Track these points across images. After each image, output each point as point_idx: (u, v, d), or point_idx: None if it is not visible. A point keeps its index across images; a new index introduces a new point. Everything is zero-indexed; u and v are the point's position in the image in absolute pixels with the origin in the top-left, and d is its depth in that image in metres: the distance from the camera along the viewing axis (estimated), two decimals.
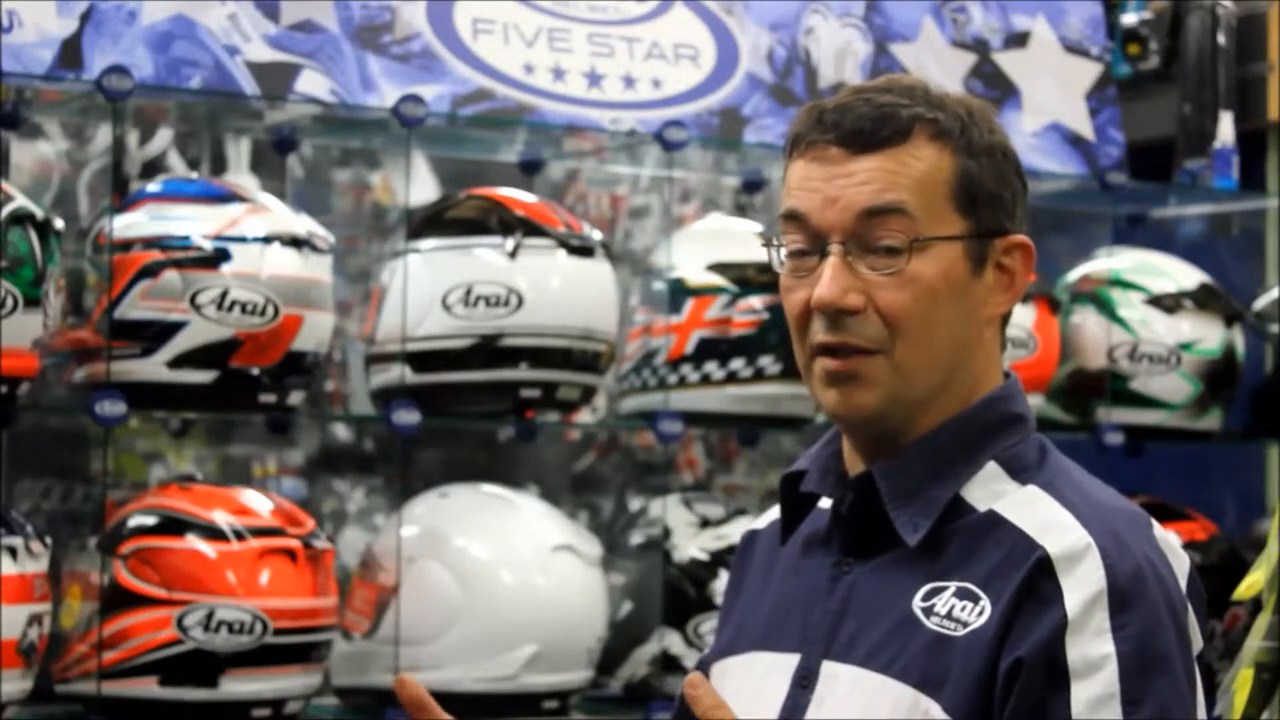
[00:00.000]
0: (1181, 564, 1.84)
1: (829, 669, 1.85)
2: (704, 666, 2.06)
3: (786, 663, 1.88)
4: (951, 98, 1.89)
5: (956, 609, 1.79)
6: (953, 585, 1.81)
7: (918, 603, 1.82)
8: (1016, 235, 1.89)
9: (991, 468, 1.87)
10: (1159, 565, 1.80)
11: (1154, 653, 1.75)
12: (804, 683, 1.86)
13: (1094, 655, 1.73)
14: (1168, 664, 1.75)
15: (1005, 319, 1.93)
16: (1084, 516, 1.80)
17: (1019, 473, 1.87)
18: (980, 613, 1.78)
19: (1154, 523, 1.86)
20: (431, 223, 3.49)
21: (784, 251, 1.88)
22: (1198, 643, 1.81)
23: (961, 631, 1.78)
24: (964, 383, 1.89)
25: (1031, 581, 1.77)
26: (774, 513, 2.04)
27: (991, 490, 1.86)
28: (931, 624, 1.80)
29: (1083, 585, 1.75)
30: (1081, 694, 1.73)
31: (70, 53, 3.23)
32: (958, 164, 1.85)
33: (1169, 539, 1.86)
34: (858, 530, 1.89)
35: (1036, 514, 1.82)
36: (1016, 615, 1.76)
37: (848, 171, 1.84)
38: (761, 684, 1.90)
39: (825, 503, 1.95)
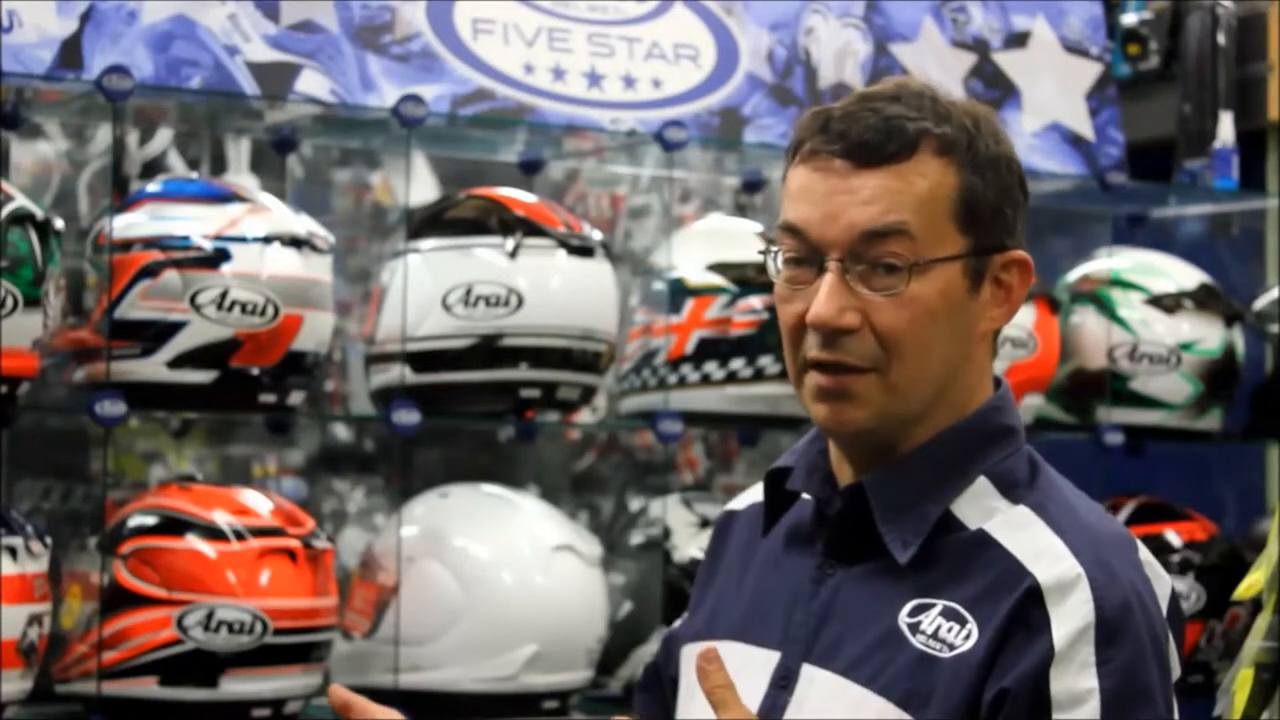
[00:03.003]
0: (1164, 587, 1.85)
1: (808, 672, 1.85)
2: (674, 643, 2.06)
3: (765, 659, 1.88)
4: (959, 107, 1.87)
5: (943, 629, 1.79)
6: (940, 604, 1.80)
7: (904, 618, 1.81)
8: (1015, 251, 1.87)
9: (982, 483, 1.86)
10: (1144, 594, 1.80)
11: (1136, 687, 1.75)
12: (783, 683, 1.86)
13: (1078, 689, 1.74)
14: (1149, 697, 1.76)
15: (998, 332, 1.92)
16: (1074, 544, 1.80)
17: (1010, 489, 1.86)
18: (967, 636, 1.78)
19: (1139, 545, 1.87)
20: (431, 223, 3.49)
21: (780, 258, 1.87)
22: (1176, 670, 1.82)
23: (948, 654, 1.78)
24: (956, 397, 1.88)
25: (1021, 610, 1.77)
26: (753, 494, 2.03)
27: (982, 507, 1.85)
28: (917, 642, 1.79)
29: (1071, 618, 1.75)
30: None
31: (70, 53, 3.23)
32: (962, 180, 1.83)
33: (1153, 562, 1.86)
34: (845, 537, 1.88)
35: (1027, 539, 1.81)
36: (1005, 644, 1.76)
37: (851, 188, 1.82)
38: (737, 677, 1.88)
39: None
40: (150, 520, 3.16)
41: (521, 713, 3.35)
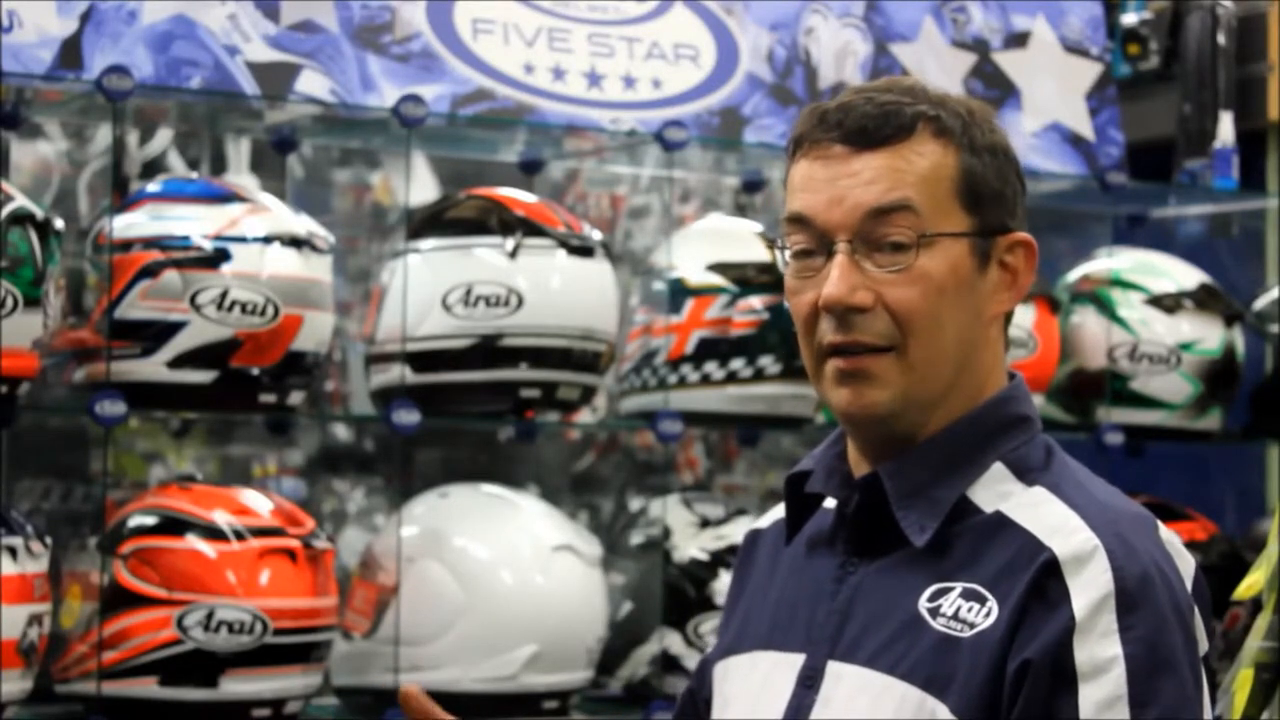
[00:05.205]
0: (1187, 565, 1.84)
1: (834, 669, 1.85)
2: (706, 666, 2.06)
3: (791, 662, 1.88)
4: (952, 97, 1.90)
5: (963, 610, 1.80)
6: (959, 586, 1.81)
7: (924, 603, 1.82)
8: (1019, 233, 1.89)
9: (998, 468, 1.87)
10: (1165, 567, 1.80)
11: (1161, 655, 1.75)
12: (809, 683, 1.86)
13: (1102, 657, 1.74)
14: (1175, 666, 1.76)
15: (1008, 318, 1.93)
16: (1091, 518, 1.80)
17: (1025, 474, 1.87)
18: (987, 614, 1.78)
19: (1160, 524, 1.86)
20: (431, 223, 3.49)
21: (789, 253, 1.88)
22: (1203, 644, 1.82)
23: (968, 633, 1.78)
24: (971, 382, 1.89)
25: (1039, 583, 1.77)
26: (777, 511, 2.04)
27: (998, 491, 1.86)
28: (938, 625, 1.80)
29: (1090, 587, 1.76)
30: (1090, 695, 1.73)
31: (70, 53, 3.23)
32: (961, 161, 1.85)
33: (1174, 540, 1.86)
34: (863, 531, 1.89)
35: (1043, 516, 1.82)
36: (1024, 617, 1.76)
37: (852, 170, 1.84)
38: (766, 683, 1.90)
39: (830, 502, 1.95)
40: (150, 520, 3.16)
41: (521, 713, 3.35)
